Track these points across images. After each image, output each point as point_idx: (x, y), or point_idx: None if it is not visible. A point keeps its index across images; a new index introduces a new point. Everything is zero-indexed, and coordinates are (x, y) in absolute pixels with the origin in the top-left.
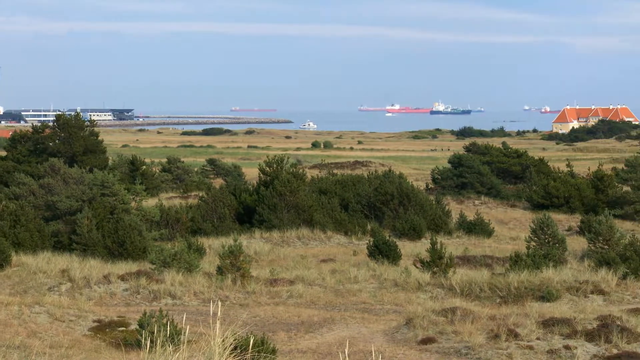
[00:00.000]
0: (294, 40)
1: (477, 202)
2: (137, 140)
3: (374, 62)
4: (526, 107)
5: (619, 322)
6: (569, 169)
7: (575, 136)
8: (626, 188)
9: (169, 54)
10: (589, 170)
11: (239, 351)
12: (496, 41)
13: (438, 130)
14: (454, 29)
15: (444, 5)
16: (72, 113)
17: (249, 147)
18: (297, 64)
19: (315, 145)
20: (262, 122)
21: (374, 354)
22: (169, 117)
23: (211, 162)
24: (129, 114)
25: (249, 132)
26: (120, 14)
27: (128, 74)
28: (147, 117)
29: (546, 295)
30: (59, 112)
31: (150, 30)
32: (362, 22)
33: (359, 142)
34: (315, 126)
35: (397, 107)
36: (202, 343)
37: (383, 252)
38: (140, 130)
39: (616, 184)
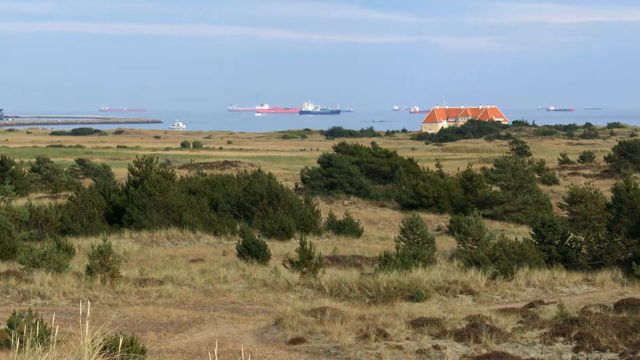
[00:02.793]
0: (164, 40)
1: (346, 202)
2: (6, 140)
3: (243, 61)
4: (395, 107)
5: (488, 322)
6: (438, 169)
7: (444, 136)
8: (495, 188)
9: (38, 53)
10: (458, 170)
11: (108, 351)
12: (365, 41)
13: (307, 130)
14: (324, 29)
15: (315, 6)
16: None
17: (118, 147)
18: (166, 63)
19: (184, 145)
20: (131, 122)
21: (243, 354)
22: (38, 117)
23: (80, 162)
24: None
25: (118, 132)
26: None
27: None
28: (17, 117)
29: (415, 296)
30: None
31: (19, 29)
32: (232, 22)
33: (229, 142)
34: (185, 126)
35: (266, 107)
36: (72, 343)
37: (252, 252)
38: (10, 130)
39: (485, 184)
